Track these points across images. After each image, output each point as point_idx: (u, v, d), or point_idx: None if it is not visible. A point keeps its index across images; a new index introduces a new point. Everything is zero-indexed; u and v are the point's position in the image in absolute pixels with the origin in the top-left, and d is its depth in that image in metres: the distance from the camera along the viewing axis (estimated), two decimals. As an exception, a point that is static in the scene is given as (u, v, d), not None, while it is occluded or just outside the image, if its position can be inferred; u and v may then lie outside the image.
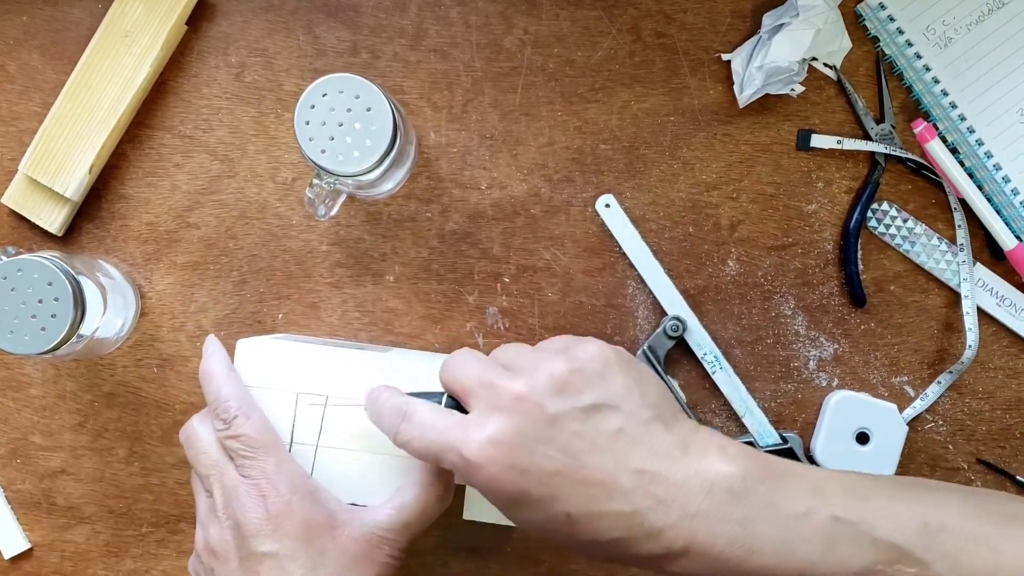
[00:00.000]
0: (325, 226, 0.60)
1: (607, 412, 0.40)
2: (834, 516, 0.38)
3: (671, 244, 0.60)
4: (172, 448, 0.60)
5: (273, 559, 0.46)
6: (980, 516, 0.38)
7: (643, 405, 0.41)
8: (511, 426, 0.40)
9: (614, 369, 0.42)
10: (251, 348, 0.51)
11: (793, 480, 0.40)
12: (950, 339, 0.60)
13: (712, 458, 0.40)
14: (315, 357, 0.51)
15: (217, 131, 0.60)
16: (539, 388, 0.41)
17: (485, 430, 0.40)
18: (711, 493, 0.38)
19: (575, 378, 0.41)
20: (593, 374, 0.41)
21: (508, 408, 0.40)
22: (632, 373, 0.42)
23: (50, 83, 0.60)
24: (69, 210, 0.59)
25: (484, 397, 0.42)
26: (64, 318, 0.51)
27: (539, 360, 0.42)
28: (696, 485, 0.39)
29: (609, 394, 0.41)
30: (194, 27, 0.60)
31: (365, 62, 0.60)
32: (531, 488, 0.40)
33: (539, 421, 0.40)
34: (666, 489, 0.39)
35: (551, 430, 0.40)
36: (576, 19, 0.60)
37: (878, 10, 0.59)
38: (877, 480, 0.41)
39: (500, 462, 0.40)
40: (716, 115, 0.60)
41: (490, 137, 0.60)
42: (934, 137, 0.59)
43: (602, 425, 0.40)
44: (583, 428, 0.40)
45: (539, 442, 0.40)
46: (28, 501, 0.61)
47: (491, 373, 0.43)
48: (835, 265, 0.60)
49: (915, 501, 0.39)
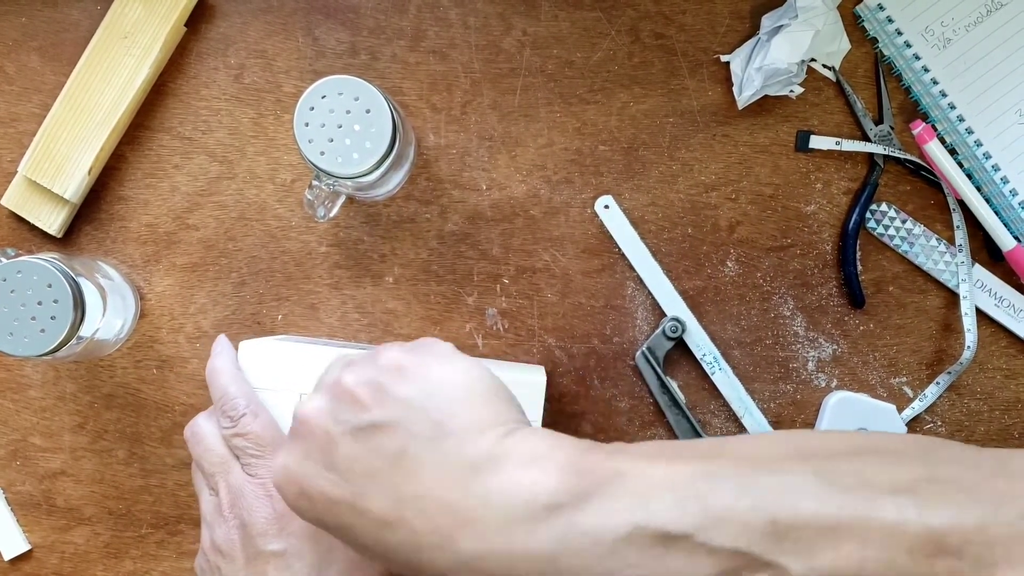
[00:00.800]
0: (324, 227, 0.60)
1: (387, 431, 0.35)
2: (663, 531, 0.32)
3: (670, 245, 0.60)
4: (172, 449, 0.60)
5: (280, 558, 0.46)
6: (843, 496, 0.32)
7: (434, 420, 0.35)
8: (297, 452, 0.37)
9: (403, 380, 0.37)
10: (254, 349, 0.52)
11: (614, 491, 0.33)
12: (949, 340, 0.61)
13: (511, 476, 0.33)
14: (318, 358, 0.51)
15: (216, 133, 0.60)
16: (321, 408, 0.37)
17: (281, 457, 0.38)
18: (507, 525, 0.32)
19: (359, 391, 0.36)
20: (378, 387, 0.36)
21: (296, 431, 0.38)
22: (428, 379, 0.37)
23: (49, 84, 0.60)
24: (68, 212, 0.59)
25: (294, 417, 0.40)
26: (63, 320, 0.51)
27: (341, 372, 0.38)
28: (488, 515, 0.32)
29: (392, 409, 0.36)
30: (193, 29, 0.60)
31: (364, 63, 0.60)
32: (324, 516, 0.36)
33: (321, 445, 0.36)
34: (453, 521, 0.33)
35: (334, 455, 0.36)
36: (575, 20, 0.60)
37: (877, 11, 0.59)
38: (722, 467, 0.33)
39: (292, 490, 0.37)
40: (715, 116, 0.60)
41: (489, 138, 0.60)
42: (933, 138, 0.59)
43: (382, 446, 0.35)
44: (361, 451, 0.35)
45: (324, 467, 0.36)
46: (28, 502, 0.61)
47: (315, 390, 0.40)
48: (834, 266, 0.60)
49: (764, 491, 0.32)
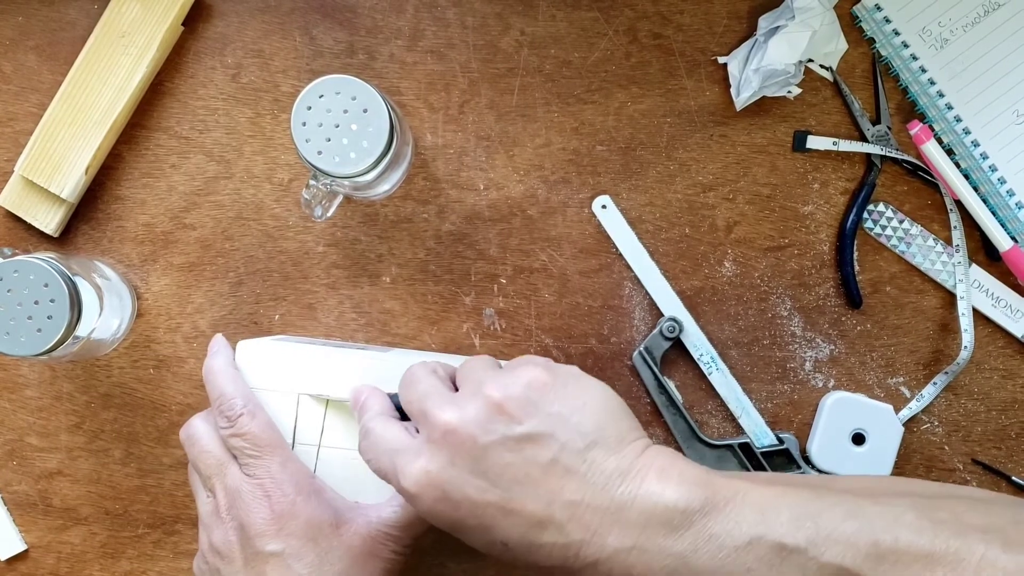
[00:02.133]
0: (322, 227, 0.60)
1: (541, 442, 0.39)
2: (779, 543, 0.36)
3: (667, 245, 0.60)
4: (168, 449, 0.60)
5: (279, 559, 0.46)
6: (937, 530, 0.36)
7: (580, 433, 0.39)
8: (441, 459, 0.39)
9: (551, 395, 0.40)
10: (252, 349, 0.51)
11: (739, 505, 0.37)
12: (946, 340, 0.61)
13: (651, 485, 0.38)
14: (316, 358, 0.51)
15: (213, 132, 0.60)
16: (469, 418, 0.40)
17: (419, 462, 0.40)
18: (648, 526, 0.37)
19: (509, 405, 0.40)
20: (527, 402, 0.40)
21: (439, 441, 0.40)
22: (572, 397, 0.40)
23: (46, 84, 0.59)
24: (65, 211, 0.59)
25: (422, 425, 0.41)
26: (60, 319, 0.51)
27: (479, 384, 0.41)
28: (633, 517, 0.37)
29: (544, 423, 0.39)
30: (190, 28, 0.60)
31: (362, 63, 0.60)
32: (465, 519, 0.39)
33: (470, 453, 0.39)
34: (601, 521, 0.38)
35: (483, 462, 0.39)
36: (573, 20, 0.60)
37: (874, 11, 0.59)
38: (831, 494, 0.38)
39: (432, 495, 0.39)
40: (712, 116, 0.60)
41: (487, 138, 0.60)
42: (930, 138, 0.59)
43: (535, 455, 0.39)
44: (515, 459, 0.39)
45: (471, 474, 0.39)
46: (24, 502, 0.61)
47: (432, 397, 0.42)
48: (831, 266, 0.60)
49: (869, 518, 0.37)
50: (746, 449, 0.59)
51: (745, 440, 0.59)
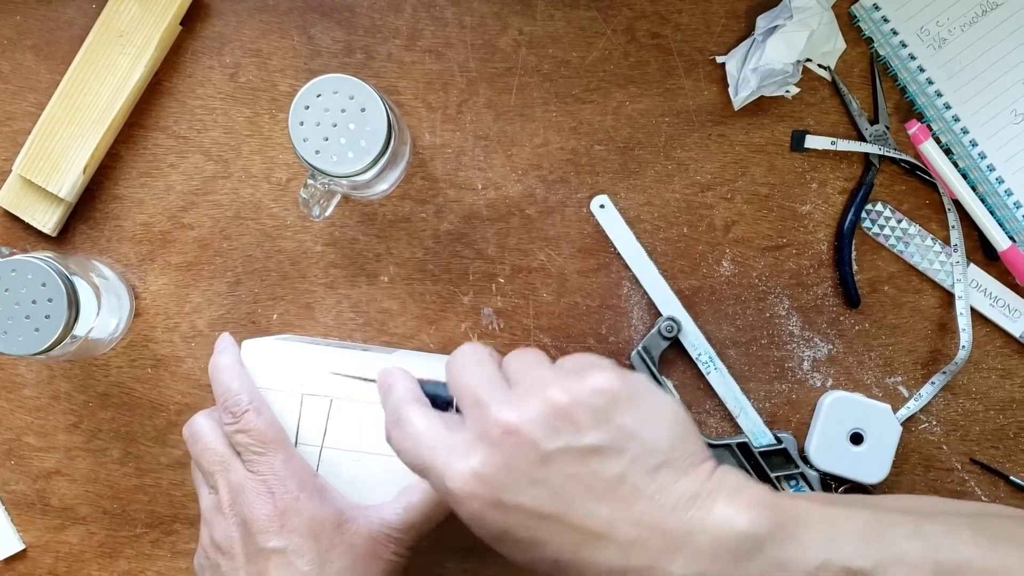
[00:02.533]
0: (320, 227, 0.60)
1: (609, 455, 0.36)
2: (847, 567, 0.35)
3: (666, 245, 0.60)
4: (166, 449, 0.60)
5: (280, 555, 0.46)
6: (995, 546, 0.36)
7: (652, 450, 0.36)
8: (498, 461, 0.36)
9: (623, 406, 0.37)
10: (256, 349, 0.51)
11: (806, 528, 0.36)
12: (944, 340, 0.61)
13: (721, 509, 0.35)
14: (320, 358, 0.51)
15: (211, 131, 0.60)
16: (534, 420, 0.36)
17: (470, 461, 0.37)
18: (717, 554, 0.35)
19: (577, 412, 0.36)
20: (597, 410, 0.37)
21: (497, 440, 0.36)
22: (644, 410, 0.37)
23: (44, 83, 0.59)
24: (63, 210, 0.59)
25: (475, 419, 0.38)
26: (58, 319, 0.51)
27: (541, 383, 0.38)
28: (702, 543, 0.35)
29: (614, 435, 0.36)
30: (188, 27, 0.60)
31: (360, 62, 0.60)
32: (515, 529, 0.36)
33: (530, 458, 0.36)
34: (667, 546, 0.35)
35: (543, 470, 0.36)
36: (571, 20, 0.60)
37: (872, 11, 0.59)
38: (890, 515, 0.37)
39: (483, 498, 0.36)
40: (710, 116, 0.60)
41: (485, 138, 0.60)
42: (928, 138, 0.59)
43: (602, 469, 0.36)
44: (580, 471, 0.36)
45: (528, 482, 0.36)
46: (22, 502, 0.60)
47: (487, 389, 0.39)
48: (829, 266, 0.60)
49: (929, 537, 0.36)
50: (744, 449, 0.59)
51: (743, 440, 0.59)
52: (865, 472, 0.59)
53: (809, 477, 0.59)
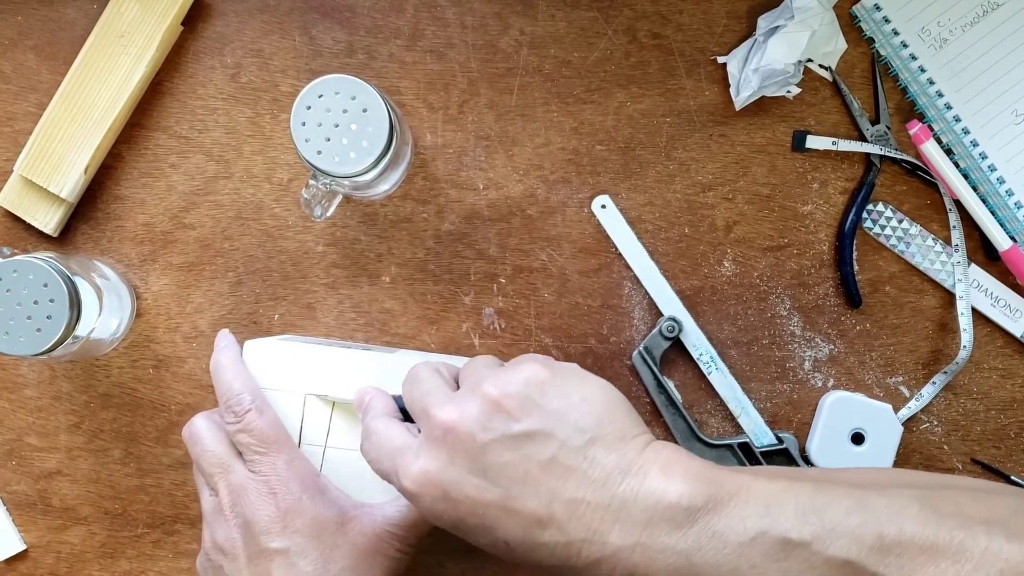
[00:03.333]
0: (321, 227, 0.60)
1: (539, 439, 0.38)
2: (784, 538, 0.36)
3: (667, 245, 0.60)
4: (168, 449, 0.60)
5: (284, 556, 0.46)
6: (941, 521, 0.35)
7: (580, 429, 0.39)
8: (440, 458, 0.39)
9: (550, 392, 0.40)
10: (259, 349, 0.51)
11: (742, 501, 0.37)
12: (945, 340, 0.61)
13: (654, 482, 0.37)
14: (322, 358, 0.51)
15: (213, 132, 0.60)
16: (469, 416, 0.39)
17: (419, 461, 0.40)
18: (651, 523, 0.36)
19: (508, 403, 0.39)
20: (525, 398, 0.39)
21: (438, 439, 0.40)
22: (571, 392, 0.40)
23: (45, 84, 0.59)
24: (64, 211, 0.59)
25: (424, 424, 0.41)
26: (60, 319, 0.51)
27: (479, 382, 0.41)
28: (635, 514, 0.37)
29: (542, 420, 0.39)
30: (190, 27, 0.60)
31: (361, 63, 0.60)
32: (465, 518, 0.39)
33: (469, 451, 0.39)
34: (602, 518, 0.37)
35: (481, 460, 0.39)
36: (572, 20, 0.60)
37: (873, 11, 0.59)
38: (835, 488, 0.38)
39: (432, 494, 0.39)
40: (712, 116, 0.60)
41: (486, 138, 0.60)
42: (929, 138, 0.59)
43: (534, 453, 0.38)
44: (514, 457, 0.38)
45: (469, 472, 0.39)
46: (23, 502, 0.60)
47: (432, 397, 0.41)
48: (830, 266, 0.61)
49: (873, 510, 0.36)
50: (745, 449, 0.59)
51: (744, 440, 0.60)
52: (866, 472, 0.59)
53: (810, 477, 0.59)
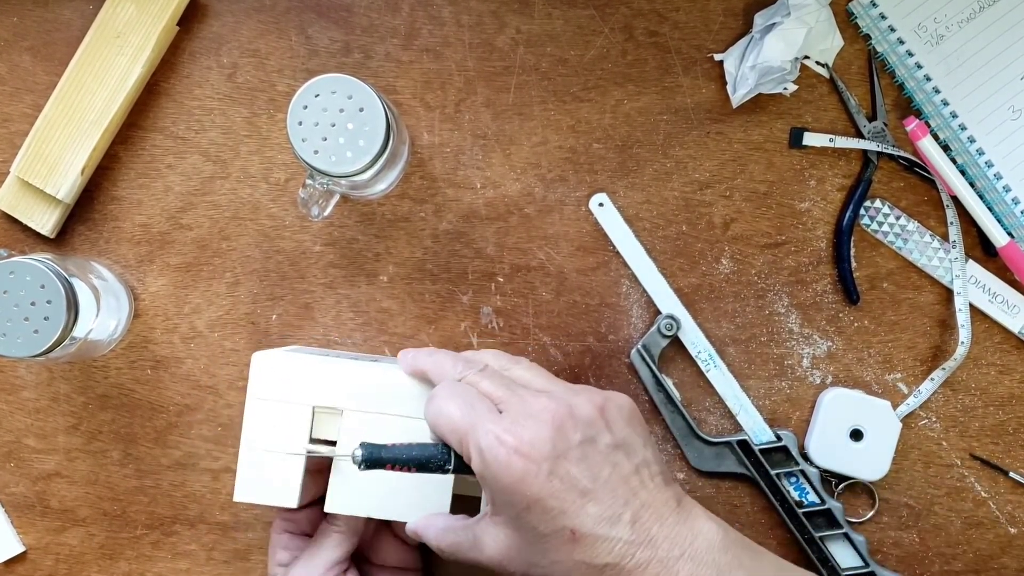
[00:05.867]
0: (318, 227, 0.60)
1: (629, 453, 0.44)
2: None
3: (665, 243, 0.60)
4: (167, 450, 0.60)
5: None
6: None
7: (654, 460, 0.45)
8: (546, 435, 0.42)
9: (637, 422, 0.46)
10: (266, 361, 0.51)
11: (760, 553, 0.45)
12: (943, 336, 0.61)
13: (699, 515, 0.44)
14: (330, 370, 0.51)
15: (209, 132, 0.60)
16: (577, 411, 0.44)
17: (521, 432, 0.42)
18: (696, 541, 0.43)
19: (608, 417, 0.44)
20: (620, 418, 0.45)
21: (545, 420, 0.43)
22: (647, 432, 0.46)
23: (41, 84, 0.59)
24: (61, 212, 0.59)
25: (517, 404, 0.44)
26: (57, 320, 0.50)
27: (572, 390, 0.46)
28: (685, 533, 0.43)
29: (633, 439, 0.45)
30: (186, 28, 0.60)
31: (357, 62, 0.60)
32: (547, 498, 0.42)
33: (572, 440, 0.43)
34: (660, 530, 0.42)
35: (580, 451, 0.43)
36: (568, 18, 0.60)
37: (869, 8, 0.59)
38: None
39: (526, 467, 0.42)
40: (709, 113, 0.60)
41: (483, 136, 0.60)
42: (926, 134, 0.59)
43: (623, 462, 0.44)
44: (608, 459, 0.43)
45: (567, 459, 0.42)
46: (22, 504, 0.60)
47: (516, 386, 0.46)
48: (828, 263, 0.61)
49: None
50: (744, 446, 0.59)
51: (743, 437, 0.59)
52: (865, 469, 0.59)
53: (809, 474, 0.59)
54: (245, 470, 0.50)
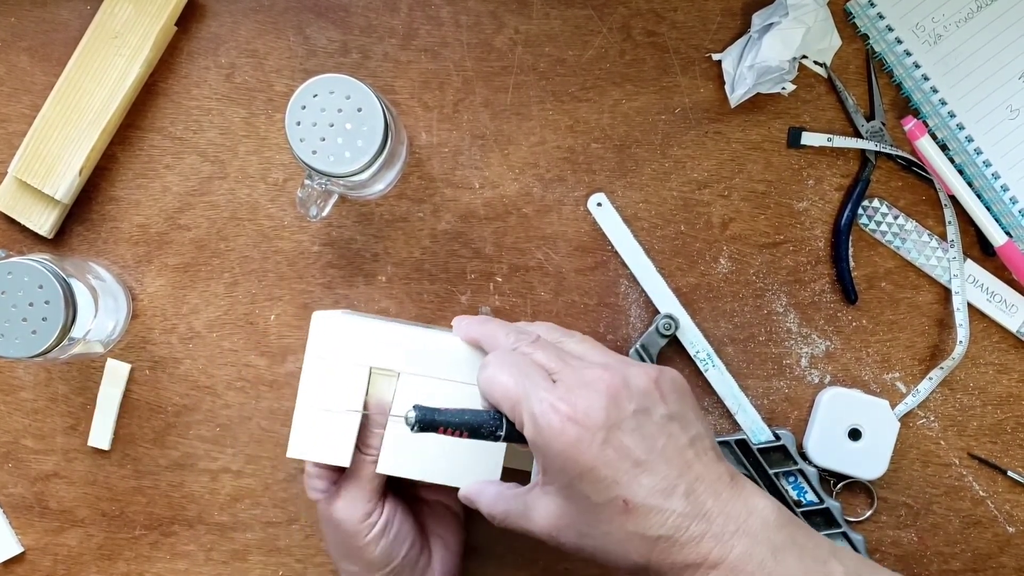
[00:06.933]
0: (317, 227, 0.60)
1: (683, 425, 0.44)
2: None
3: (663, 242, 0.60)
4: (165, 451, 0.60)
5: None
6: None
7: (707, 435, 0.45)
8: (601, 404, 0.42)
9: (689, 396, 0.46)
10: (326, 320, 0.51)
11: (812, 533, 0.43)
12: (941, 335, 0.61)
13: (753, 492, 0.43)
14: (389, 332, 0.51)
15: (207, 132, 0.60)
16: (632, 382, 0.43)
17: (575, 401, 0.42)
18: (751, 517, 0.42)
19: (661, 389, 0.44)
20: (674, 391, 0.45)
21: (599, 389, 0.43)
22: (699, 407, 0.46)
23: (39, 85, 0.59)
24: (59, 212, 0.59)
25: (571, 374, 0.44)
26: (55, 321, 0.50)
27: (625, 362, 0.45)
28: (740, 508, 0.42)
29: (687, 412, 0.44)
30: (184, 28, 0.59)
31: (355, 62, 0.60)
32: (601, 467, 0.41)
33: (626, 410, 0.42)
34: (714, 504, 0.42)
35: (635, 421, 0.42)
36: (567, 18, 0.60)
37: (867, 7, 0.59)
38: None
39: (580, 435, 0.41)
40: (707, 113, 0.60)
41: (481, 136, 0.60)
42: (924, 134, 0.59)
43: (678, 434, 0.43)
44: (663, 430, 0.43)
45: (621, 429, 0.42)
46: (20, 505, 0.60)
47: (570, 357, 0.46)
48: (826, 262, 0.61)
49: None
50: (743, 445, 0.59)
51: (742, 436, 0.60)
52: (864, 468, 0.59)
53: (808, 474, 0.59)
54: (300, 427, 0.50)
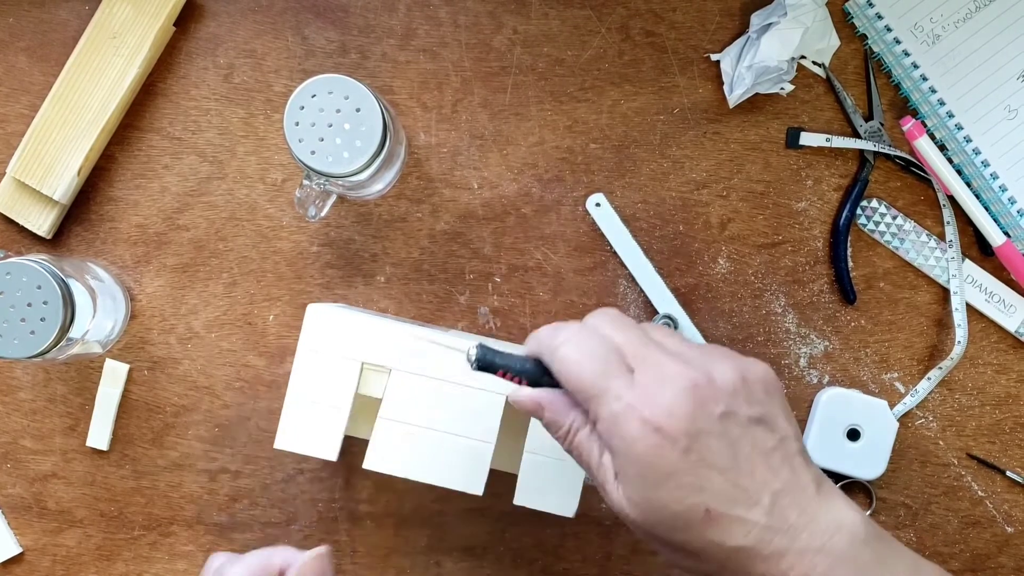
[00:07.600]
0: (315, 227, 0.60)
1: (771, 427, 0.41)
2: None
3: (662, 243, 0.60)
4: (164, 451, 0.60)
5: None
6: None
7: (795, 436, 0.42)
8: (685, 410, 0.39)
9: (777, 395, 0.42)
10: (320, 313, 0.51)
11: (900, 549, 0.41)
12: (940, 335, 0.61)
13: (840, 503, 0.40)
14: (382, 328, 0.51)
15: (206, 132, 0.60)
16: (716, 382, 0.40)
17: (656, 402, 0.39)
18: (837, 533, 0.39)
19: (748, 387, 0.41)
20: (762, 391, 0.41)
21: (683, 387, 0.39)
22: (787, 404, 0.43)
23: (37, 85, 0.59)
24: (58, 213, 0.59)
25: (651, 365, 0.41)
26: (53, 321, 0.50)
27: (709, 355, 0.42)
28: (825, 522, 0.39)
29: (773, 414, 0.41)
30: (182, 28, 0.59)
31: (354, 62, 0.60)
32: (683, 472, 0.39)
33: (712, 412, 0.40)
34: (799, 517, 0.39)
35: (720, 424, 0.40)
36: (565, 18, 0.60)
37: (866, 8, 0.59)
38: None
39: (661, 442, 0.39)
40: (705, 113, 0.60)
41: (480, 137, 0.60)
42: (922, 134, 0.59)
43: (763, 439, 0.40)
44: (748, 434, 0.40)
45: (706, 433, 0.39)
46: (19, 505, 0.60)
47: (651, 341, 0.42)
48: (825, 262, 0.61)
49: None
50: (741, 446, 0.59)
51: (740, 437, 0.59)
52: (862, 468, 0.59)
53: (806, 474, 0.59)
54: (289, 419, 0.50)
